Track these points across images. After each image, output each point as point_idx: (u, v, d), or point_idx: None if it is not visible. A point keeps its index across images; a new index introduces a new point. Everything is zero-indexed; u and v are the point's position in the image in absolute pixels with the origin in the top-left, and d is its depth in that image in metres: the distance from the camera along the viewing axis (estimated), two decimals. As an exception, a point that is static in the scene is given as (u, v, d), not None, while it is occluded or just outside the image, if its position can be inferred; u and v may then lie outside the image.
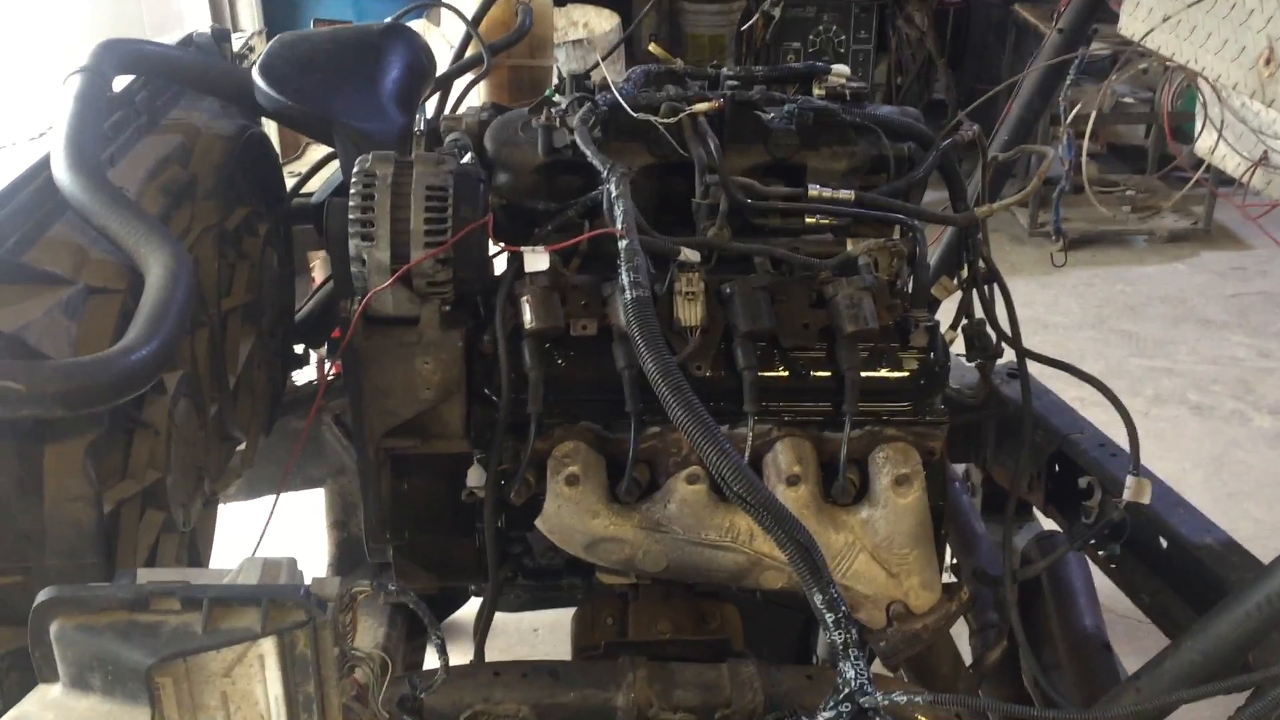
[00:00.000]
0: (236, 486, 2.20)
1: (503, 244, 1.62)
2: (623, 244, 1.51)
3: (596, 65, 1.92)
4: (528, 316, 1.60)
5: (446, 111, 2.32)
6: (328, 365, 2.87)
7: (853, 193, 1.71)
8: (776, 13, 6.15)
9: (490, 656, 1.80)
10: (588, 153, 1.64)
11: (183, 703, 1.20)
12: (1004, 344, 1.97)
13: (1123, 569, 2.36)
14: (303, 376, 2.62)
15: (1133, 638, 2.42)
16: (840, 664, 1.32)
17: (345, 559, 2.60)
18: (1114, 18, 2.39)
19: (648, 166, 1.78)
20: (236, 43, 2.42)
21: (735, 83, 1.85)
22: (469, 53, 2.40)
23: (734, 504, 1.65)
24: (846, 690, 1.31)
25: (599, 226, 1.67)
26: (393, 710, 1.37)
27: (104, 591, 1.16)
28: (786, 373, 1.67)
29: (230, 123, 2.05)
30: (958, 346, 2.06)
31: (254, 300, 2.05)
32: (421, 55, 2.00)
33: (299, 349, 2.45)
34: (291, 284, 2.37)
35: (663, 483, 1.68)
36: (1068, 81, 2.60)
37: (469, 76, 2.38)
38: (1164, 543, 2.21)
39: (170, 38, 2.17)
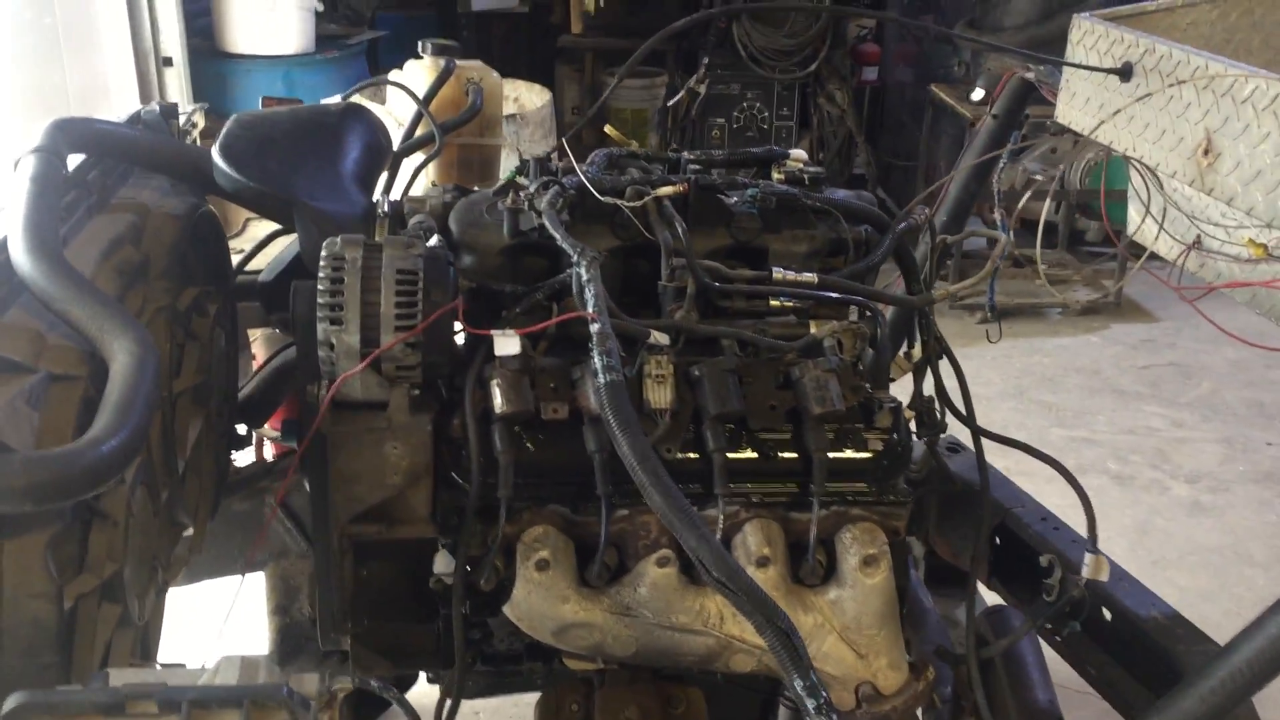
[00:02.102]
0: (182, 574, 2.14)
1: (471, 328, 1.61)
2: (594, 327, 1.52)
3: (558, 148, 1.93)
4: (498, 400, 1.59)
5: (395, 192, 2.32)
6: (269, 447, 2.82)
7: (816, 275, 1.74)
8: (702, 89, 6.28)
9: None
10: (557, 236, 1.64)
11: (159, 810, 1.16)
12: (960, 422, 2.00)
13: (1068, 642, 2.40)
14: (244, 458, 2.57)
15: (1069, 707, 2.45)
16: (823, 750, 1.32)
17: (287, 645, 2.52)
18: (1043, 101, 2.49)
19: (611, 249, 1.79)
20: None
21: (697, 166, 1.88)
22: (419, 131, 2.40)
23: (706, 587, 1.65)
24: (830, 777, 1.31)
25: (567, 309, 1.67)
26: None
27: (78, 696, 1.11)
28: (754, 454, 1.68)
29: (180, 201, 2.02)
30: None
31: (203, 382, 2.00)
32: (380, 135, 2.00)
33: (241, 429, 2.39)
34: (236, 363, 2.33)
35: (631, 566, 1.67)
36: (1001, 165, 2.69)
37: (419, 156, 2.38)
38: (1108, 615, 2.25)
39: (118, 115, 2.13)
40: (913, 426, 2.14)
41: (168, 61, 4.49)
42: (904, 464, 1.73)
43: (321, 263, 1.56)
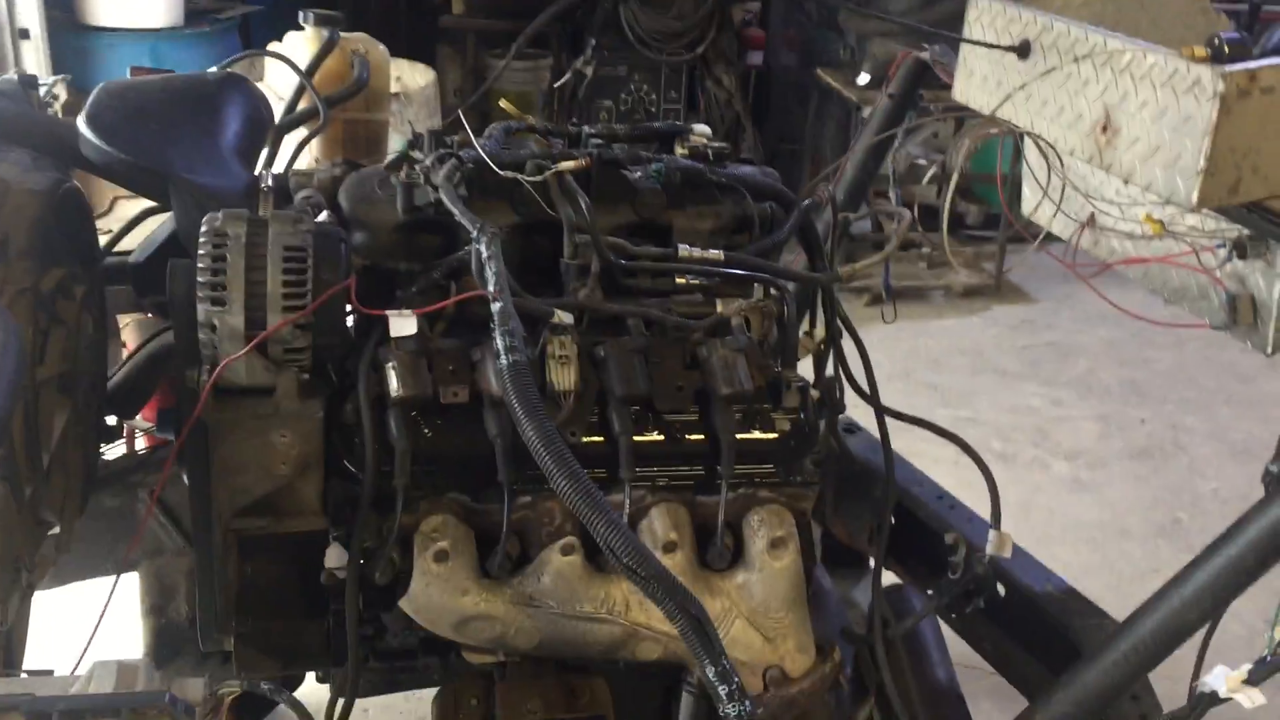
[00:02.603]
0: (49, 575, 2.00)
1: (364, 308, 1.53)
2: (495, 306, 1.45)
3: (454, 120, 1.85)
4: (394, 384, 1.51)
5: (277, 167, 2.20)
6: (141, 439, 2.67)
7: (722, 253, 1.70)
8: (589, 71, 6.20)
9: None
10: (455, 211, 1.57)
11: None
12: (865, 401, 1.98)
13: (963, 618, 2.42)
14: (115, 451, 2.42)
15: (966, 682, 2.47)
16: (735, 737, 1.28)
17: (164, 647, 2.39)
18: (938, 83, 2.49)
19: (511, 225, 1.72)
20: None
21: (599, 141, 1.82)
22: (302, 105, 2.29)
23: (611, 575, 1.60)
24: (743, 765, 1.27)
25: (465, 288, 1.60)
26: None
27: (-69, 712, 1.01)
28: (661, 437, 1.63)
29: (43, 176, 1.88)
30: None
31: (69, 370, 1.87)
32: (261, 107, 1.89)
33: (111, 421, 2.25)
34: (105, 350, 2.19)
35: (534, 555, 1.61)
36: (897, 145, 2.69)
37: (303, 130, 2.27)
38: (1002, 590, 2.27)
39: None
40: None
41: (24, 34, 4.24)
42: (811, 444, 1.70)
43: (201, 239, 1.46)
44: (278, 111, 2.28)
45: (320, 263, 1.48)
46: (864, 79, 6.05)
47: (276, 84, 2.59)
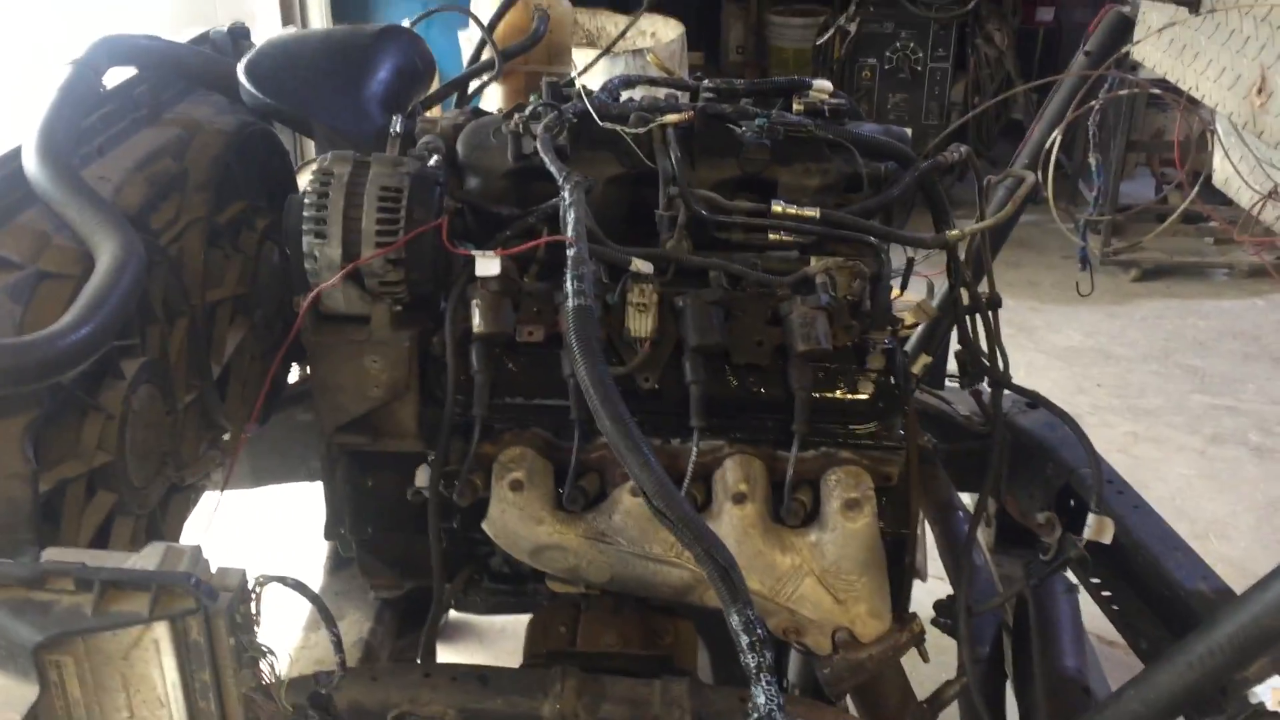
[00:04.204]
0: (224, 474, 2.24)
1: (457, 247, 1.63)
2: (570, 252, 1.51)
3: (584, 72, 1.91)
4: (477, 320, 1.60)
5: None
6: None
7: (817, 210, 1.68)
8: (853, 28, 6.09)
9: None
10: (545, 159, 1.64)
11: (85, 681, 1.23)
12: (981, 371, 1.91)
13: (1122, 612, 2.28)
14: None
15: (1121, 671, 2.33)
16: (753, 688, 1.30)
17: (339, 553, 2.62)
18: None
19: (617, 176, 1.77)
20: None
21: (711, 95, 1.84)
22: (483, 57, 2.42)
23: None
24: (755, 715, 1.29)
25: (558, 234, 1.67)
26: (300, 704, 1.38)
27: (2, 567, 1.19)
28: (738, 389, 1.65)
29: (233, 118, 2.09)
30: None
31: (247, 293, 2.08)
32: (416, 58, 2.02)
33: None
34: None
35: (610, 493, 1.67)
36: (1098, 104, 2.52)
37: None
38: (1162, 588, 2.14)
39: (184, 35, 2.22)
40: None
41: (309, -14, 4.64)
42: (898, 408, 1.66)
43: (310, 177, 1.60)
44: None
45: (414, 203, 1.58)
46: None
47: (476, 36, 2.73)
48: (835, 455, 1.65)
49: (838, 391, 1.65)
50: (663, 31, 5.23)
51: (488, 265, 1.60)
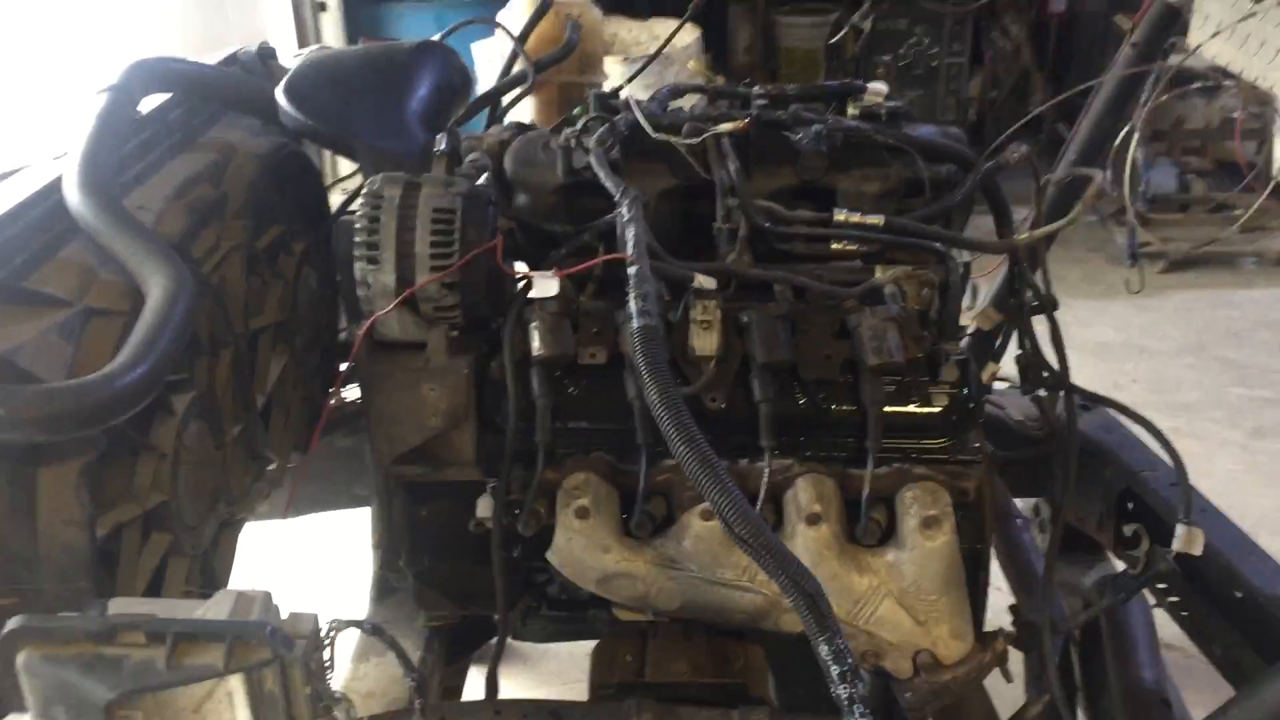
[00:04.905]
0: (271, 505, 2.20)
1: (515, 269, 1.58)
2: (631, 270, 1.46)
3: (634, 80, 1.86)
4: (536, 343, 1.55)
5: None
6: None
7: (881, 217, 1.63)
8: (866, 26, 6.00)
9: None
10: (600, 174, 1.59)
11: (155, 736, 1.18)
12: (1047, 376, 1.85)
13: (1195, 619, 2.22)
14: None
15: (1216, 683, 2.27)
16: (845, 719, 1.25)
17: (386, 580, 2.58)
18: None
19: (671, 189, 1.72)
20: (291, 61, 2.42)
21: (764, 101, 1.78)
22: (515, 69, 2.37)
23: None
24: (847, 747, 1.24)
25: (614, 251, 1.62)
26: (373, 749, 1.33)
27: (71, 622, 1.15)
28: (808, 406, 1.59)
29: (267, 140, 2.05)
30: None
31: (288, 319, 2.04)
32: (454, 73, 1.97)
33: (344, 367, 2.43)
34: (332, 302, 2.36)
35: (678, 517, 1.62)
36: (1145, 98, 2.47)
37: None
38: (1238, 593, 2.08)
39: (213, 56, 2.17)
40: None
41: (322, 6, 4.60)
42: (973, 421, 1.61)
43: (360, 201, 1.55)
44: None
45: (468, 224, 1.53)
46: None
47: (507, 49, 2.69)
48: (910, 471, 1.60)
49: (911, 405, 1.59)
50: (678, 36, 5.17)
51: (546, 286, 1.55)
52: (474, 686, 2.65)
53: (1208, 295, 5.39)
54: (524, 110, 2.58)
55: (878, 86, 1.80)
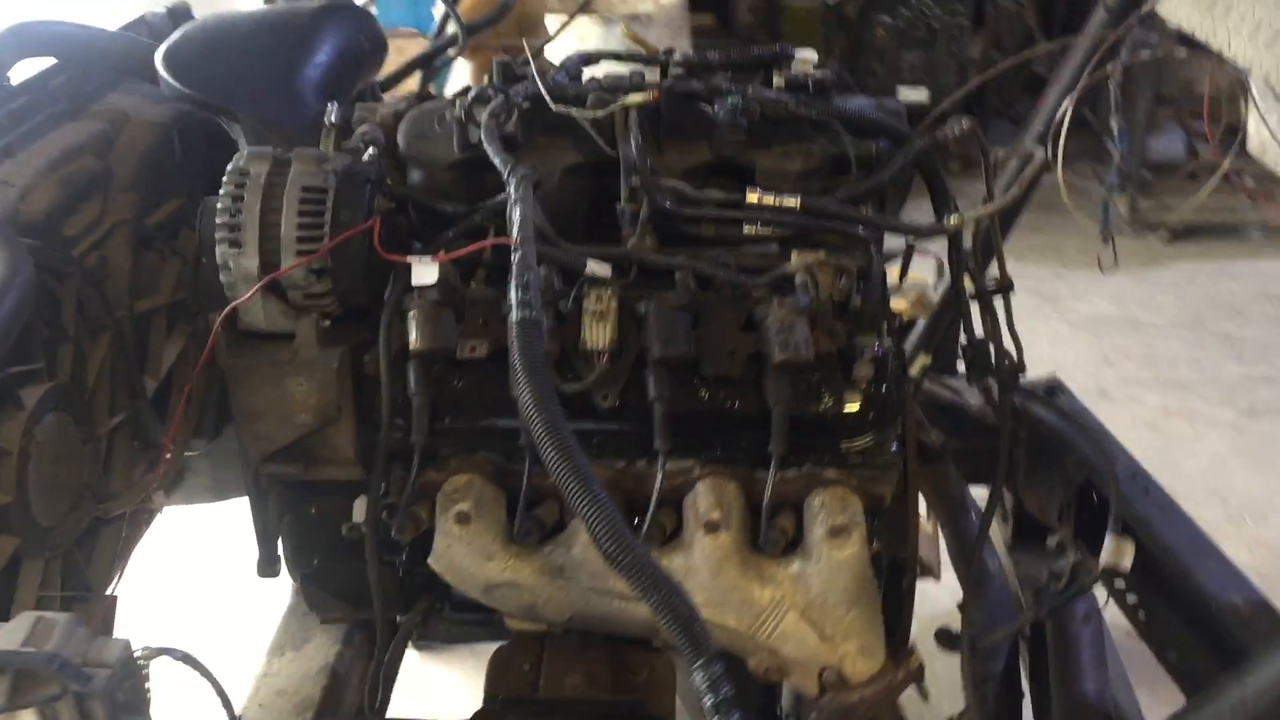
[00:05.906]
0: (185, 491, 2.09)
1: (388, 254, 1.45)
2: (515, 255, 1.33)
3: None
4: (413, 335, 1.43)
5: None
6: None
7: (798, 199, 1.49)
8: (867, -15, 5.84)
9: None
10: (490, 150, 1.46)
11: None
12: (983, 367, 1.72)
13: (1151, 622, 2.11)
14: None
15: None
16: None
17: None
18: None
19: (577, 166, 1.59)
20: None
21: (681, 71, 1.64)
22: (448, 31, 2.23)
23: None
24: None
25: (505, 233, 1.49)
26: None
27: None
28: (710, 404, 1.47)
29: (168, 108, 1.92)
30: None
31: (186, 299, 1.92)
32: (362, 37, 1.84)
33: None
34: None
35: (569, 524, 1.50)
36: (1120, 62, 2.31)
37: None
38: (1190, 598, 1.96)
39: (116, 21, 2.04)
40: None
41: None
42: (889, 422, 1.48)
43: (225, 178, 1.42)
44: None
45: (341, 205, 1.41)
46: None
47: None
48: (819, 475, 1.47)
49: (821, 404, 1.46)
50: (663, -5, 5.00)
51: (424, 273, 1.43)
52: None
53: (1210, 267, 5.22)
54: (461, 76, 2.44)
55: (806, 54, 1.65)
